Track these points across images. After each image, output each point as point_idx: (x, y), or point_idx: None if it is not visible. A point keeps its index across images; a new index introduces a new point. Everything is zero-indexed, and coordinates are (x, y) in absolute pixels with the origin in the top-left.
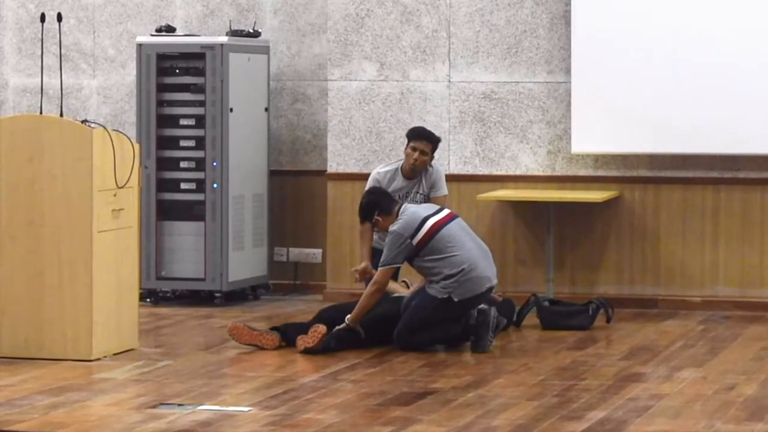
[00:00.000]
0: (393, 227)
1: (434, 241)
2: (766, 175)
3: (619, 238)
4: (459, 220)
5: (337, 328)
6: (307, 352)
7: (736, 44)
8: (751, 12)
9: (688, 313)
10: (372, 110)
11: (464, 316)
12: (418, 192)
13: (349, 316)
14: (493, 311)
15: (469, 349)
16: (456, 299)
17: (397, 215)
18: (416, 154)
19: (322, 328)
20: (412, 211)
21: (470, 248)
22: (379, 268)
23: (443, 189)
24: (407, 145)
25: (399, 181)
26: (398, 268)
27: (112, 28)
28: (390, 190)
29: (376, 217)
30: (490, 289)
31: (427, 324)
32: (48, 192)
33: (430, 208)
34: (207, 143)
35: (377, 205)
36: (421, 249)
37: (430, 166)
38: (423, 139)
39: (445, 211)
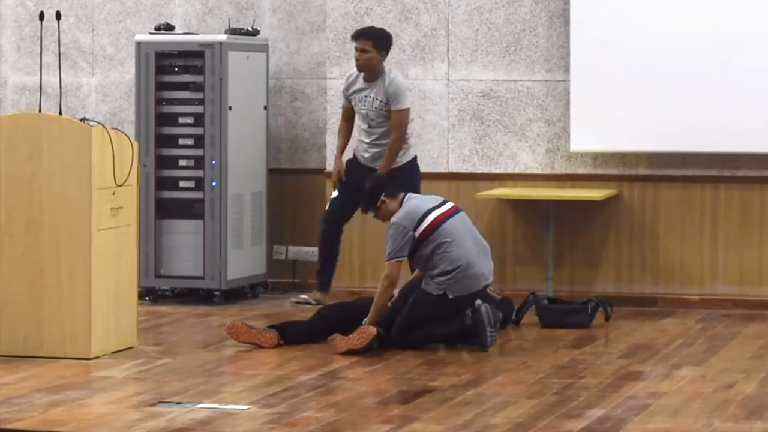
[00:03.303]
0: (394, 219)
1: (435, 234)
2: (765, 173)
3: (618, 236)
4: (462, 215)
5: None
6: (350, 353)
7: (736, 42)
8: (750, 10)
9: (687, 311)
10: None
11: (461, 311)
12: (376, 98)
13: (365, 319)
14: (485, 307)
15: (471, 348)
16: (451, 296)
17: (401, 203)
18: (357, 54)
19: (372, 330)
20: (415, 202)
21: (469, 245)
22: (387, 262)
23: (402, 103)
24: None
25: (358, 84)
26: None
27: (111, 26)
28: (350, 92)
29: (382, 198)
30: (486, 286)
31: (424, 321)
32: (47, 190)
33: (434, 200)
34: (206, 141)
35: (383, 187)
36: (423, 241)
37: (390, 77)
38: (360, 38)
39: (449, 204)
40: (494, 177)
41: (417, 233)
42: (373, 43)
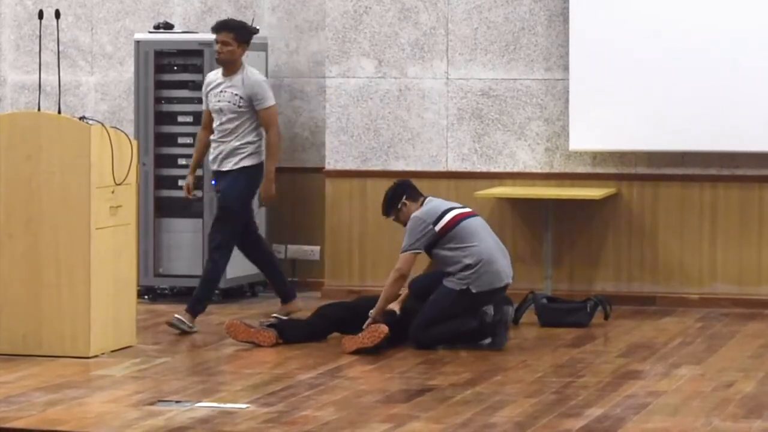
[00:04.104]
0: (415, 213)
1: (457, 229)
2: (764, 172)
3: (617, 235)
4: (480, 218)
5: (367, 324)
6: (359, 352)
7: (735, 41)
8: (750, 9)
9: (686, 310)
10: (370, 107)
11: (480, 309)
12: (234, 93)
13: (371, 311)
14: (510, 310)
15: (486, 347)
16: (474, 291)
17: (422, 205)
18: (218, 47)
19: (384, 329)
20: (436, 202)
21: (490, 243)
22: (401, 255)
23: (267, 100)
24: None
25: (218, 77)
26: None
27: (110, 25)
28: (210, 87)
29: (403, 200)
30: (507, 285)
31: (445, 317)
32: (46, 189)
33: (455, 203)
34: None
35: (405, 189)
36: (443, 236)
37: (248, 74)
38: (221, 31)
39: (468, 208)
40: (493, 176)
41: (438, 228)
42: (235, 35)
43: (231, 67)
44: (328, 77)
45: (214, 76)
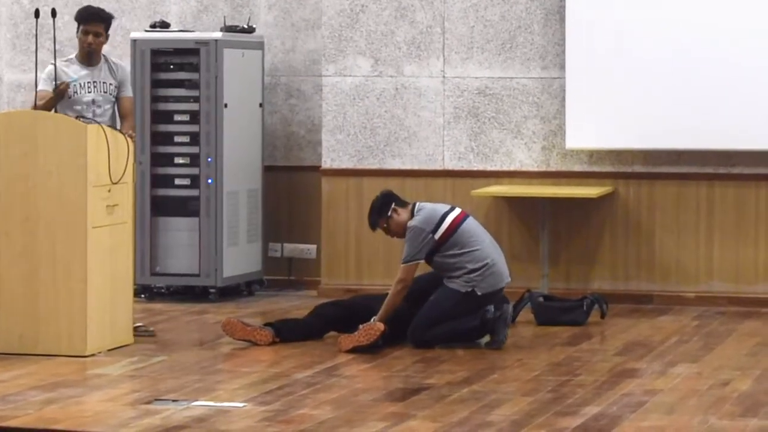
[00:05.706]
0: (412, 223)
1: (456, 235)
2: (760, 170)
3: (614, 233)
4: (472, 218)
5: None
6: (355, 350)
7: (731, 40)
8: (746, 8)
9: (682, 308)
10: (366, 106)
11: (481, 310)
12: (106, 82)
13: (375, 317)
14: (510, 307)
15: (485, 346)
16: (480, 293)
17: (413, 212)
18: (90, 38)
19: (380, 326)
20: (430, 207)
21: (488, 244)
22: (402, 265)
23: (130, 89)
24: (78, 29)
25: (79, 71)
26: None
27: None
28: (69, 80)
29: (393, 207)
30: (507, 284)
31: (447, 318)
32: (42, 188)
33: (445, 205)
34: (201, 139)
35: (393, 198)
36: (443, 244)
37: (114, 61)
38: (93, 21)
39: (459, 209)
40: (490, 174)
41: (437, 236)
42: (105, 26)
43: (97, 57)
44: (325, 76)
45: (66, 67)
